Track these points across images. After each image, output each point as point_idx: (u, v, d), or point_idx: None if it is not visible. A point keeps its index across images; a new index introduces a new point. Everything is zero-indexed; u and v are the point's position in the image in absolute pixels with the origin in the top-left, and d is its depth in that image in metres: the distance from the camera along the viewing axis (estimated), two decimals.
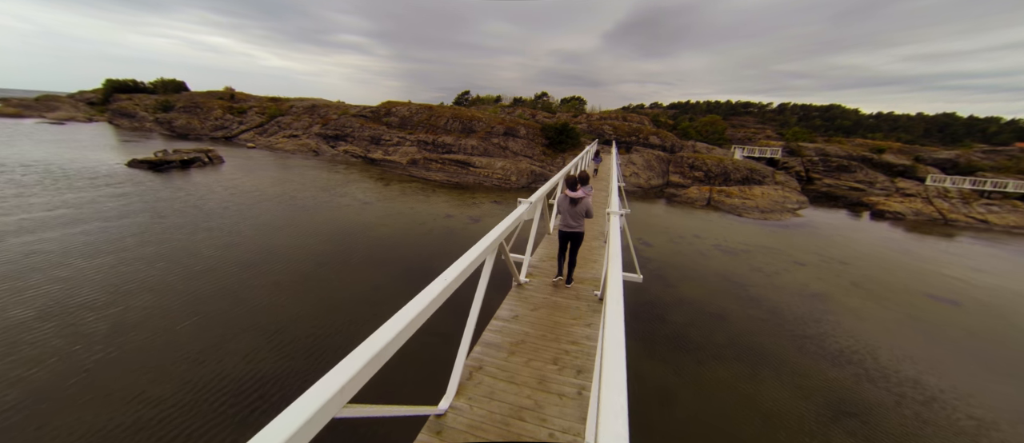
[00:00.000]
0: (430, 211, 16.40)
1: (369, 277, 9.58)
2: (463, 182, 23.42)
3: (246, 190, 17.51)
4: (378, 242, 12.08)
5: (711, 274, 11.32)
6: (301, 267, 9.80)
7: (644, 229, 15.28)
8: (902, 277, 12.17)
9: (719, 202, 21.24)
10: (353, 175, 23.49)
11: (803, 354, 7.72)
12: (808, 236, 16.26)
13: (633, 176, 25.91)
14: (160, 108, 50.86)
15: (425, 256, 10.94)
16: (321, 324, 7.48)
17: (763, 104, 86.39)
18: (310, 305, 8.11)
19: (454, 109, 35.32)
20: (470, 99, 66.68)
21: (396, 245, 11.91)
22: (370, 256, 10.91)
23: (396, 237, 12.58)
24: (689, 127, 46.93)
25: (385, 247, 11.69)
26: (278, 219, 13.62)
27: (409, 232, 13.24)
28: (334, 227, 13.30)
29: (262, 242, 11.32)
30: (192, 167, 23.45)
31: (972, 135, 69.75)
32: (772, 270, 11.84)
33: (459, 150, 27.64)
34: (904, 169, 38.15)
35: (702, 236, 14.83)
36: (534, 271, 5.87)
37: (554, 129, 29.90)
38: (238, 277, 9.00)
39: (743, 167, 28.01)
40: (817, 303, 9.89)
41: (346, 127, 35.80)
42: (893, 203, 22.73)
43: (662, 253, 12.69)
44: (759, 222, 18.10)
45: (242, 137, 40.09)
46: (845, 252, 14.19)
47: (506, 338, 4.04)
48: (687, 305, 9.47)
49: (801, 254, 13.58)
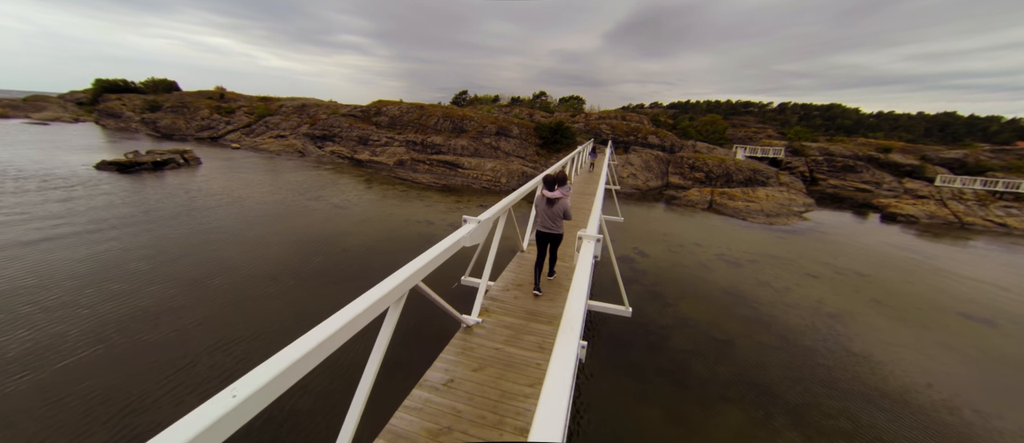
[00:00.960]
0: (409, 217, 15.18)
1: (319, 300, 8.36)
2: (451, 184, 22.20)
3: (213, 193, 16.30)
4: (343, 254, 10.86)
5: (714, 290, 10.08)
6: (248, 286, 8.58)
7: (641, 236, 14.05)
8: (926, 291, 10.93)
9: (721, 205, 20.01)
10: (335, 177, 22.28)
11: (830, 393, 6.49)
12: (818, 242, 15.02)
13: (631, 177, 24.68)
14: (147, 108, 49.82)
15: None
16: (237, 359, 6.25)
17: (763, 104, 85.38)
18: (238, 333, 6.88)
19: (445, 108, 34.11)
20: (468, 99, 65.63)
21: (362, 257, 10.69)
22: (330, 271, 9.69)
23: (365, 248, 11.36)
24: (689, 126, 45.70)
25: (350, 260, 10.47)
26: (240, 226, 12.40)
27: (380, 242, 12.02)
28: (300, 235, 12.08)
29: (212, 254, 10.10)
30: (165, 169, 22.25)
31: (973, 134, 69.60)
32: (782, 284, 10.60)
33: (449, 151, 26.42)
34: (912, 169, 36.89)
35: (703, 244, 13.60)
36: (495, 305, 4.64)
37: (548, 128, 28.67)
38: (163, 297, 7.78)
39: (746, 168, 26.77)
40: (837, 326, 8.65)
41: (334, 127, 34.61)
42: (905, 205, 21.48)
43: (660, 265, 11.46)
44: (764, 227, 16.85)
45: (228, 137, 38.90)
46: (860, 261, 12.94)
47: (424, 424, 2.81)
48: (688, 328, 8.24)
49: (812, 264, 12.34)
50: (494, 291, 5.02)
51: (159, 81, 63.17)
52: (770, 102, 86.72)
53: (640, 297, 9.40)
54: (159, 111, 48.42)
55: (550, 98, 66.24)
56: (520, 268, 5.86)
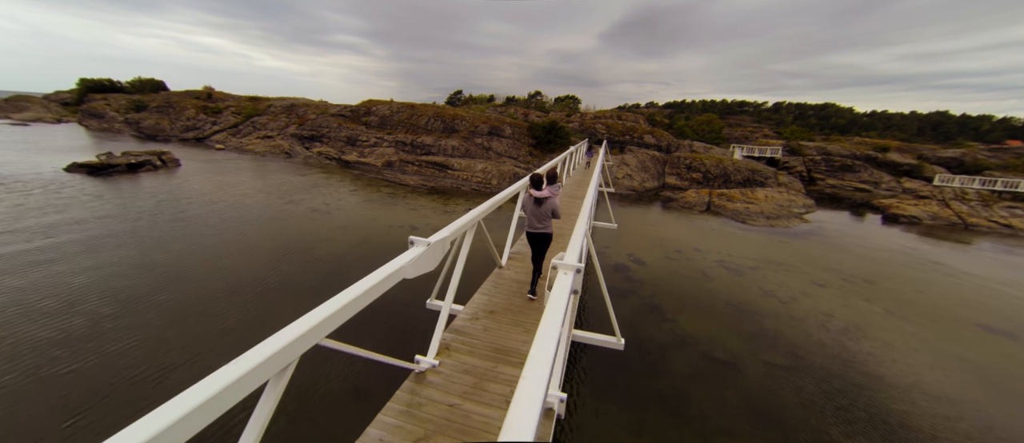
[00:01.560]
0: (391, 222, 14.35)
1: (273, 317, 7.50)
2: (440, 186, 21.37)
3: (183, 197, 15.37)
4: (315, 264, 10.02)
5: (716, 301, 9.34)
6: (198, 302, 7.73)
7: (637, 241, 13.30)
8: (939, 299, 10.25)
9: (720, 207, 19.32)
10: (319, 179, 21.38)
11: (848, 426, 5.75)
12: (821, 246, 14.35)
13: (626, 178, 23.95)
14: (132, 108, 48.66)
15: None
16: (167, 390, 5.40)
17: (758, 103, 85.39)
18: (171, 359, 6.04)
19: (437, 108, 33.26)
20: (463, 98, 64.83)
21: (334, 266, 9.86)
22: (295, 283, 8.85)
23: (339, 257, 10.53)
24: (685, 126, 45.13)
25: (320, 270, 9.64)
26: (207, 233, 11.52)
27: (356, 250, 11.19)
28: (272, 242, 11.23)
29: (168, 265, 9.23)
30: (140, 171, 21.27)
31: (965, 133, 69.95)
32: (788, 294, 9.88)
33: (439, 151, 25.58)
34: (910, 168, 36.46)
35: (703, 249, 12.87)
36: (458, 340, 3.83)
37: (542, 128, 27.90)
38: (97, 316, 6.91)
39: (744, 168, 26.13)
40: (849, 341, 7.93)
41: (322, 127, 33.66)
42: (907, 206, 20.91)
43: (657, 273, 10.71)
44: (765, 230, 16.17)
45: (214, 138, 37.82)
46: (867, 267, 12.26)
47: None
48: (688, 347, 7.48)
49: (818, 271, 11.64)
50: (461, 320, 4.22)
51: (146, 81, 61.93)
52: (765, 101, 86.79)
53: (636, 312, 8.64)
54: (144, 111, 47.27)
55: (546, 98, 65.63)
56: (496, 289, 5.06)
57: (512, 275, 5.50)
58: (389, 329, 7.02)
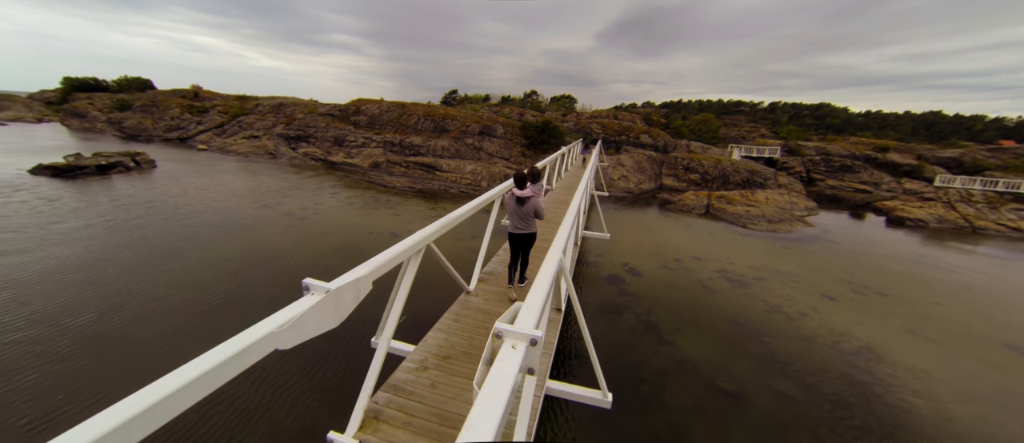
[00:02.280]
0: (372, 228, 13.43)
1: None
2: (427, 188, 20.44)
3: (148, 201, 14.36)
4: (277, 278, 9.10)
5: (718, 318, 8.49)
6: (129, 326, 6.78)
7: (632, 249, 12.44)
8: (960, 315, 9.46)
9: (719, 210, 18.51)
10: (301, 181, 20.40)
11: None
12: (828, 253, 13.55)
13: (622, 179, 23.12)
14: (116, 107, 47.42)
15: None
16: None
17: (754, 103, 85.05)
18: (89, 394, 5.11)
19: (427, 107, 32.32)
20: (458, 98, 63.95)
21: (296, 284, 8.90)
22: (247, 301, 7.92)
23: (305, 270, 9.61)
24: (682, 125, 44.43)
25: (281, 285, 8.71)
26: (165, 243, 10.55)
27: (326, 261, 10.27)
28: (238, 252, 10.28)
29: (113, 281, 8.27)
30: (111, 173, 20.21)
31: (958, 133, 70.70)
32: (796, 310, 9.05)
33: (428, 152, 24.64)
34: (910, 169, 35.90)
35: (703, 258, 12.03)
36: (396, 402, 2.91)
37: (535, 128, 27.03)
38: (16, 340, 5.96)
39: (743, 169, 25.38)
40: (866, 366, 7.10)
41: (310, 127, 32.64)
42: (912, 208, 20.20)
43: (653, 286, 9.85)
44: (768, 235, 15.36)
45: (199, 138, 36.69)
46: (878, 277, 11.47)
47: None
48: (688, 374, 6.63)
49: (827, 281, 10.83)
50: (403, 372, 3.32)
51: (132, 79, 60.60)
52: (761, 101, 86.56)
53: (631, 332, 7.77)
54: (128, 111, 46.04)
55: (541, 97, 64.88)
56: (459, 323, 4.17)
57: (481, 303, 4.62)
58: (310, 384, 5.74)
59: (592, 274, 10.31)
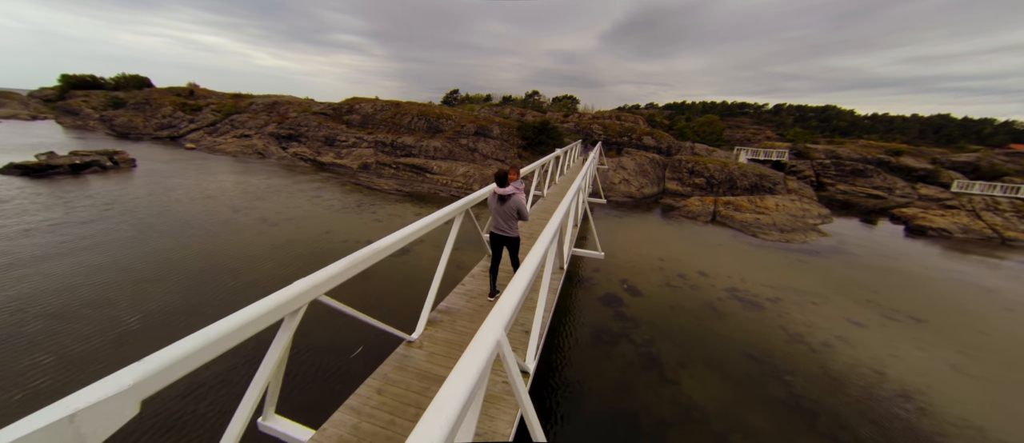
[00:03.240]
0: (347, 236, 12.33)
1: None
2: (416, 191, 19.34)
3: (113, 203, 13.33)
4: (230, 295, 8.01)
5: (730, 350, 7.30)
6: (30, 353, 5.68)
7: (632, 262, 11.26)
8: (1010, 345, 8.22)
9: (727, 217, 17.28)
10: (284, 183, 19.35)
11: None
12: (848, 268, 12.31)
13: (623, 183, 21.92)
14: (109, 105, 46.81)
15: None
16: None
17: (759, 105, 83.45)
18: None
19: (422, 106, 31.25)
20: (459, 98, 63.02)
21: (250, 299, 7.79)
22: (189, 320, 6.79)
23: (256, 287, 8.49)
24: (685, 127, 43.15)
25: (232, 304, 7.57)
26: (112, 251, 9.48)
27: (291, 275, 9.12)
28: (196, 263, 9.21)
29: (42, 296, 7.19)
30: (86, 172, 19.25)
31: (967, 136, 69.80)
32: (820, 339, 7.84)
33: (420, 153, 23.55)
34: (926, 174, 34.46)
35: (710, 274, 10.82)
36: None
37: (532, 128, 25.88)
38: None
39: (751, 173, 24.11)
40: (911, 417, 5.89)
41: (302, 126, 31.65)
42: (934, 217, 18.88)
43: (656, 309, 8.67)
44: (781, 246, 14.13)
45: (190, 137, 35.81)
46: (909, 297, 10.23)
47: None
48: (695, 425, 5.46)
49: (851, 304, 9.60)
50: None
51: (130, 77, 60.15)
52: (765, 103, 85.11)
53: (628, 367, 6.61)
54: (121, 109, 45.41)
55: (543, 97, 63.82)
56: (383, 396, 3.02)
57: (423, 360, 3.46)
58: None
59: (586, 294, 9.14)
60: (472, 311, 4.37)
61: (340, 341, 6.52)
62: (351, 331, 6.61)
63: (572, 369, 6.58)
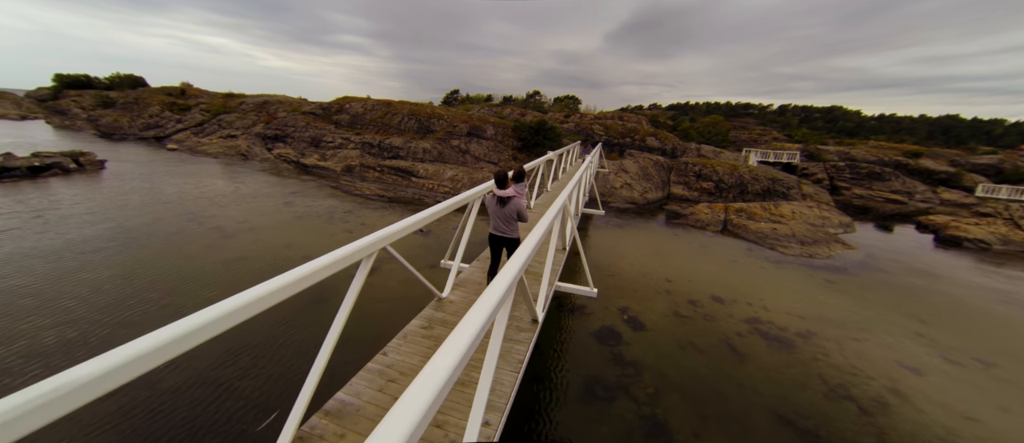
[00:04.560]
0: (310, 250, 10.83)
1: None
2: (400, 196, 17.83)
3: (46, 208, 11.90)
4: (159, 321, 6.46)
5: (755, 410, 5.72)
6: None
7: (633, 285, 9.68)
8: None
9: (740, 227, 15.65)
10: (260, 187, 17.92)
11: None
12: (884, 289, 10.67)
13: (625, 188, 20.33)
14: (99, 105, 45.88)
15: (199, 400, 5.43)
16: None
17: (763, 105, 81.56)
18: None
19: (412, 106, 29.81)
20: (460, 98, 61.75)
21: None
22: (47, 363, 5.29)
23: (178, 316, 6.96)
24: (690, 128, 41.46)
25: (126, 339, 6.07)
26: (43, 267, 8.02)
27: (218, 298, 7.60)
28: (120, 286, 7.77)
29: None
30: (46, 175, 17.91)
31: (977, 137, 68.82)
32: (870, 392, 6.23)
33: (407, 154, 22.07)
34: (947, 177, 32.58)
35: (726, 299, 9.22)
36: None
37: (528, 128, 24.33)
38: None
39: (763, 176, 22.44)
40: None
41: (289, 126, 30.29)
42: (968, 226, 17.15)
43: (662, 348, 7.09)
44: (803, 262, 12.49)
45: (175, 137, 34.57)
46: (967, 330, 8.58)
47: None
48: None
49: (900, 339, 7.98)
50: None
51: (124, 77, 59.33)
52: (770, 103, 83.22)
53: (628, 435, 5.05)
54: (111, 108, 44.46)
55: (544, 98, 62.38)
56: None
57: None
58: None
59: (578, 326, 7.58)
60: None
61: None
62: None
63: (556, 431, 5.05)
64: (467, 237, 5.02)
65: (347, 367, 3.44)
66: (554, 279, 5.02)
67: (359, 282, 2.94)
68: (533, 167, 9.28)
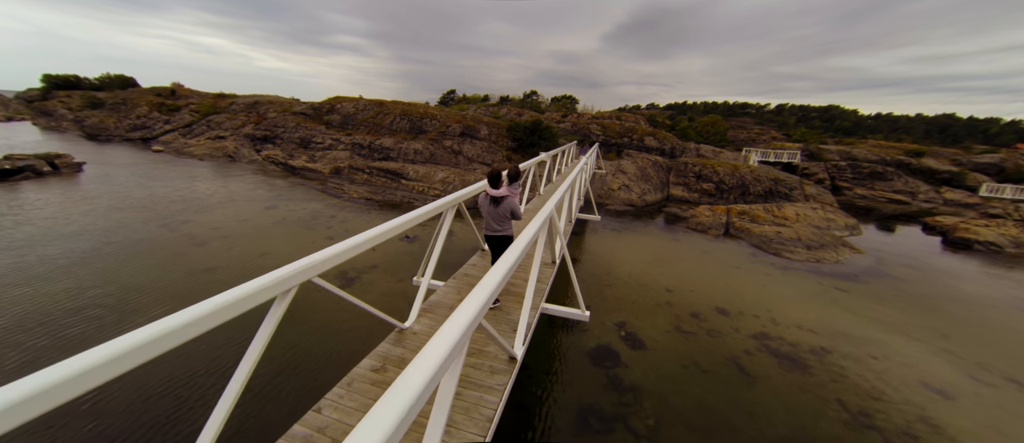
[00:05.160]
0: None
1: None
2: (388, 199, 17.11)
3: (12, 214, 11.14)
4: (89, 343, 5.72)
5: (769, 441, 5.04)
6: None
7: (630, 296, 9.00)
8: None
9: (743, 230, 15.00)
10: (243, 190, 17.17)
11: None
12: (899, 297, 10.02)
13: (622, 189, 19.67)
14: (86, 106, 45.03)
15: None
16: None
17: (761, 105, 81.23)
18: None
19: (404, 105, 29.10)
20: (457, 98, 61.08)
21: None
22: None
23: (121, 331, 6.23)
24: (688, 127, 40.88)
25: None
26: None
27: None
28: (90, 296, 7.07)
29: None
30: (18, 178, 17.11)
31: (973, 136, 68.59)
32: (897, 421, 5.57)
33: (398, 156, 21.36)
34: (950, 176, 32.06)
35: (731, 311, 8.54)
36: None
37: (523, 128, 23.65)
38: None
39: (765, 177, 21.83)
40: None
41: (278, 127, 29.54)
42: (978, 228, 16.54)
43: (663, 369, 6.41)
44: (811, 268, 11.84)
45: (162, 139, 33.76)
46: (993, 345, 7.93)
47: None
48: None
49: (922, 356, 7.32)
50: None
51: (114, 77, 58.45)
52: (767, 103, 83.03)
53: None
54: (99, 109, 43.61)
55: (542, 97, 61.76)
56: None
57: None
58: None
59: (572, 345, 6.89)
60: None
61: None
62: None
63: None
64: (438, 252, 4.34)
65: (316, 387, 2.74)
66: (540, 302, 4.33)
67: (270, 327, 2.38)
68: (524, 169, 8.61)
